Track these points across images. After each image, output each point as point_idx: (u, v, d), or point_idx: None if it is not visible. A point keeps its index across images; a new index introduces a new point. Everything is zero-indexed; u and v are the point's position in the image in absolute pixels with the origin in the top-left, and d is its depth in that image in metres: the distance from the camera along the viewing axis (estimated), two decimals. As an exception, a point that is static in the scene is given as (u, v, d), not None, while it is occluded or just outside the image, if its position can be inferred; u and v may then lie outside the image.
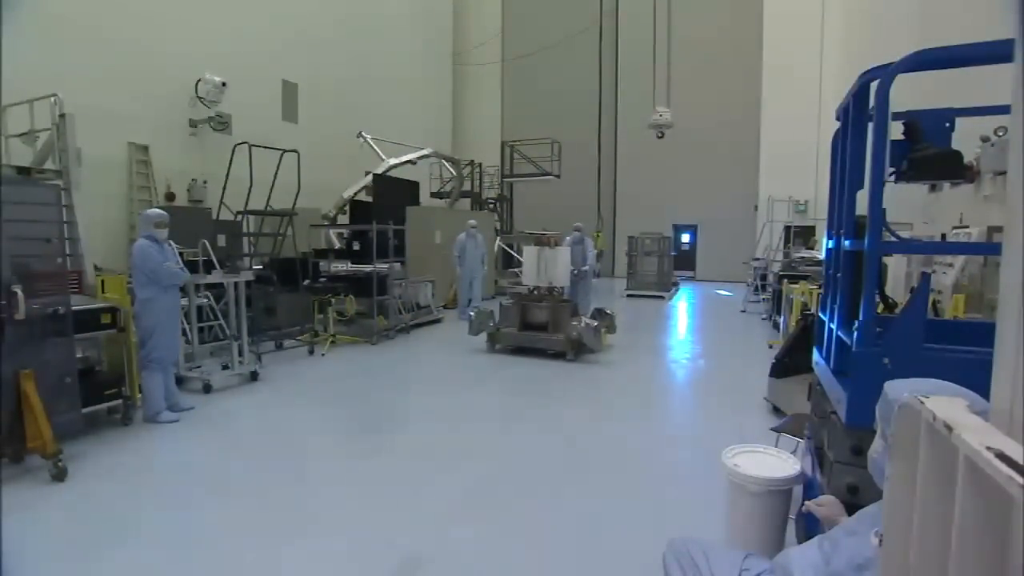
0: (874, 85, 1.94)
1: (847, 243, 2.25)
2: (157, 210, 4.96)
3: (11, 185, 4.26)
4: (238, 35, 11.48)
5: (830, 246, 2.64)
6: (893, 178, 2.09)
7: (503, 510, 3.36)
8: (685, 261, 19.69)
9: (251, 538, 3.00)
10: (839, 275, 2.40)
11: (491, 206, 16.76)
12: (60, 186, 4.88)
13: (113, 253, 8.80)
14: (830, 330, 2.49)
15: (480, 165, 16.53)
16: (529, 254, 8.04)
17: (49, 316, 3.84)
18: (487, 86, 21.51)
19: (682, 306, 13.54)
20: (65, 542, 2.97)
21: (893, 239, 2.01)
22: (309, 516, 3.26)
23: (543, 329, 7.44)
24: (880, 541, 1.11)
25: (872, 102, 1.97)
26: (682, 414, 5.62)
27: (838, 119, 2.44)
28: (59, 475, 3.60)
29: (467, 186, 15.76)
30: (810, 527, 2.35)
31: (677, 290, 16.02)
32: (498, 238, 14.37)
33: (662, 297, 14.38)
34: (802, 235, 14.17)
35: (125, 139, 9.49)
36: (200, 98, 10.52)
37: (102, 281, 5.10)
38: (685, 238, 20.40)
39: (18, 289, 3.55)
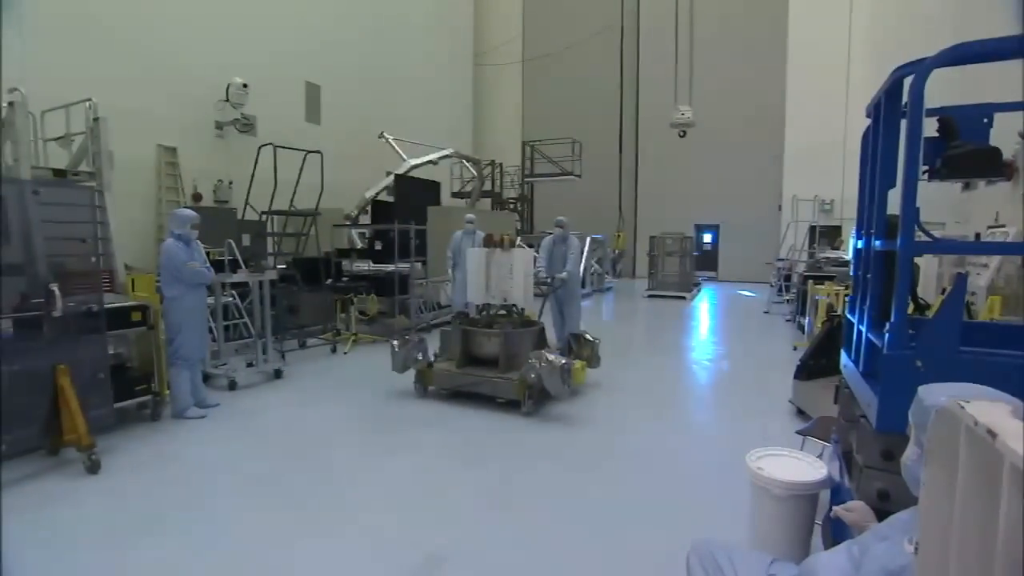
0: (908, 81, 1.89)
1: (878, 243, 2.19)
2: (189, 210, 5.06)
3: (49, 187, 4.39)
4: (263, 38, 11.68)
5: (859, 246, 2.58)
6: (926, 176, 2.03)
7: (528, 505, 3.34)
8: (707, 261, 19.46)
9: (274, 533, 3.05)
10: (869, 276, 2.35)
11: (511, 206, 16.77)
12: (94, 188, 5.02)
13: (142, 252, 9.03)
14: (859, 332, 2.43)
15: (501, 165, 16.55)
16: (474, 260, 5.90)
17: (83, 313, 3.96)
18: (508, 86, 21.53)
19: (704, 307, 13.38)
20: (99, 532, 3.06)
21: (927, 239, 1.96)
22: (331, 512, 3.30)
23: (494, 365, 5.33)
24: (915, 548, 1.08)
25: (905, 98, 1.92)
26: (702, 418, 5.54)
27: (869, 116, 2.38)
28: (93, 468, 3.70)
29: (488, 186, 15.80)
30: (837, 533, 2.30)
31: (699, 291, 15.85)
32: (518, 238, 14.38)
33: (683, 298, 14.23)
34: (828, 235, 13.88)
35: (154, 141, 9.73)
36: (227, 101, 10.74)
37: (132, 280, 5.24)
38: (707, 238, 20.16)
39: (55, 287, 3.66)
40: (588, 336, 5.92)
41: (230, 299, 6.80)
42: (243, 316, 6.93)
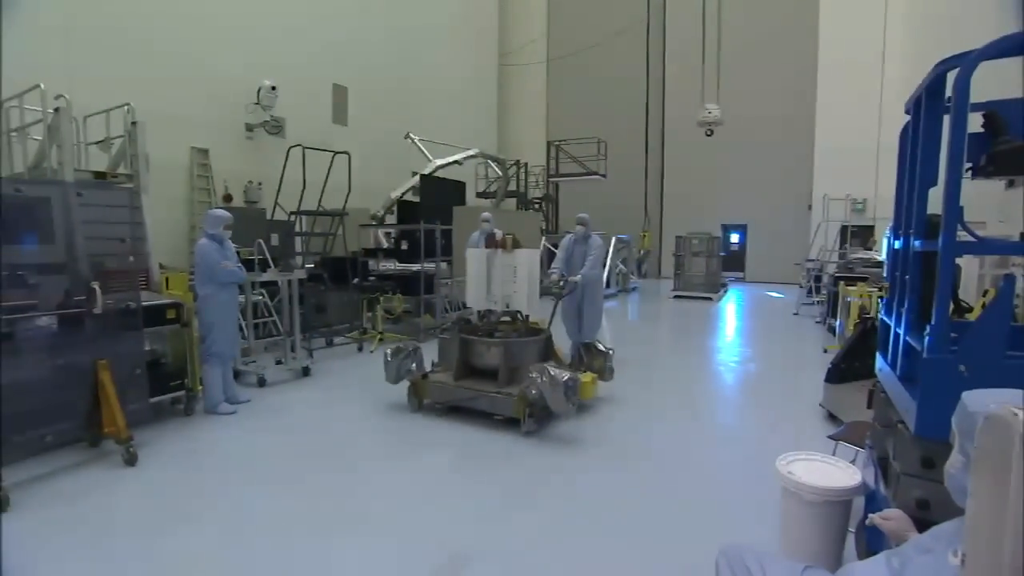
0: (951, 75, 1.83)
1: (917, 243, 2.13)
2: (223, 211, 5.17)
3: (91, 189, 4.55)
4: (291, 42, 11.90)
5: (897, 246, 2.50)
6: (970, 174, 1.96)
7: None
8: (734, 262, 19.13)
9: (300, 527, 3.10)
10: (907, 277, 2.28)
11: (536, 206, 16.74)
12: (132, 189, 5.18)
13: (175, 252, 9.29)
14: (896, 335, 2.36)
15: (526, 165, 16.54)
16: (474, 261, 5.50)
17: (122, 311, 4.09)
18: (533, 85, 21.50)
19: (731, 308, 13.16)
20: (136, 522, 3.16)
21: (971, 239, 1.89)
22: (356, 508, 3.35)
23: (495, 377, 4.85)
24: (962, 561, 1.04)
25: (949, 93, 1.86)
26: (728, 420, 5.45)
27: (908, 112, 2.31)
28: (130, 460, 3.83)
29: (513, 186, 15.81)
30: (872, 542, 2.24)
31: (726, 291, 15.60)
32: (543, 238, 14.35)
33: (710, 299, 14.02)
34: (860, 235, 13.53)
35: (187, 144, 10.00)
36: (258, 103, 10.98)
37: (166, 278, 5.40)
38: (734, 238, 19.82)
39: (96, 285, 3.79)
40: (600, 346, 5.41)
41: (260, 298, 6.93)
42: (272, 314, 7.06)
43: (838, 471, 2.59)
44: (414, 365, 5.08)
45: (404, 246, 9.82)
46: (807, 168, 17.07)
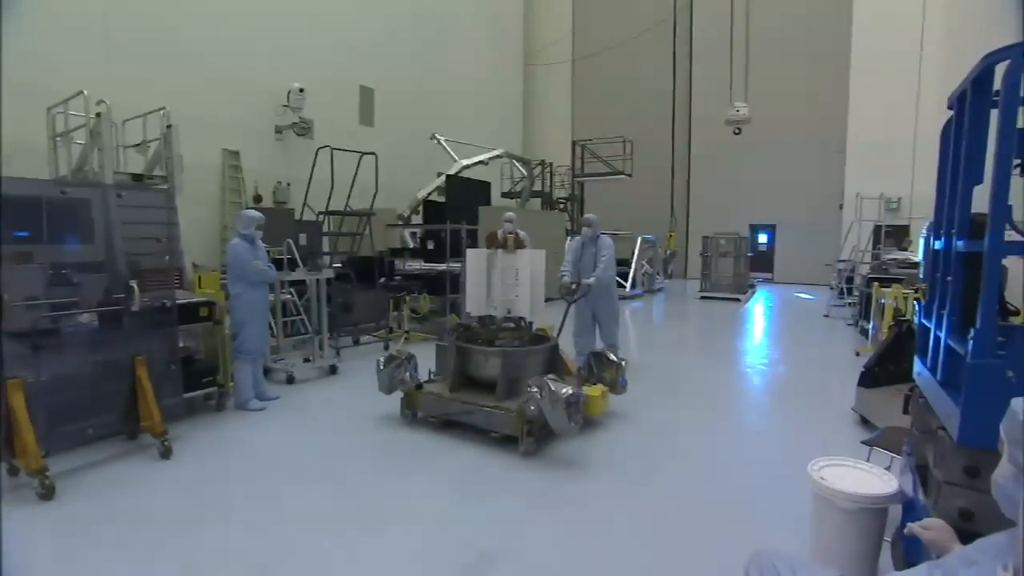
0: (1000, 67, 1.76)
1: (960, 243, 2.05)
2: (255, 212, 5.27)
3: (129, 191, 4.70)
4: (319, 45, 12.10)
5: (937, 246, 2.42)
6: (1019, 171, 1.89)
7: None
8: (762, 262, 18.78)
9: (327, 523, 3.15)
10: (948, 278, 2.20)
11: (561, 206, 16.70)
12: (167, 190, 5.33)
13: (207, 251, 9.53)
14: (936, 338, 2.28)
15: (551, 165, 16.51)
16: (473, 262, 5.09)
17: (158, 309, 4.21)
18: (558, 85, 21.45)
19: (759, 309, 12.92)
20: (172, 513, 3.25)
21: (1020, 239, 1.81)
22: (383, 505, 3.38)
23: (494, 389, 4.39)
24: (1014, 574, 1.00)
25: (997, 86, 1.79)
26: (756, 424, 5.34)
27: (951, 108, 2.23)
28: (166, 453, 3.94)
29: (538, 186, 15.79)
30: (910, 551, 2.17)
31: (754, 292, 15.33)
32: (568, 238, 14.30)
33: (737, 300, 13.80)
34: (894, 235, 13.12)
35: (219, 146, 10.25)
36: (287, 105, 11.20)
37: (199, 277, 5.54)
38: (762, 238, 19.46)
39: (134, 284, 3.91)
40: (612, 356, 4.87)
41: (289, 296, 7.06)
42: (301, 313, 7.18)
43: (873, 478, 2.51)
44: (407, 374, 4.66)
45: (430, 246, 9.90)
46: (838, 166, 16.65)
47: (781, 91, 17.37)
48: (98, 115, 5.46)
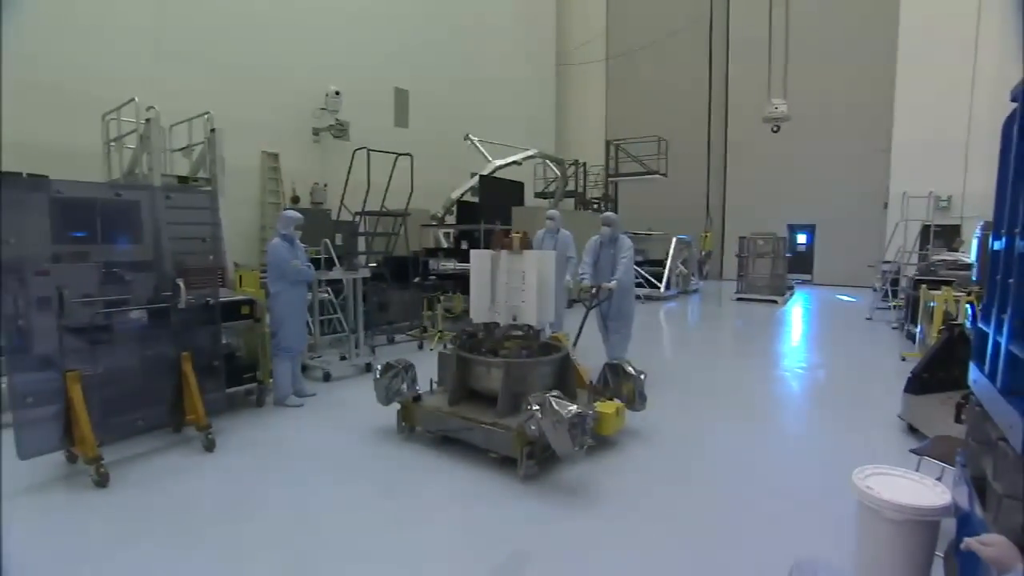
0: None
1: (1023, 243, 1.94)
2: (295, 212, 5.40)
3: (176, 192, 4.88)
4: (355, 48, 12.34)
5: (997, 247, 2.30)
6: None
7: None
8: (801, 263, 18.25)
9: (363, 519, 3.20)
10: (1010, 280, 2.09)
11: (595, 206, 16.59)
12: (211, 192, 5.51)
13: (247, 250, 9.82)
14: (996, 343, 2.17)
15: (584, 164, 16.42)
16: (477, 264, 4.63)
17: (202, 306, 4.35)
18: (591, 84, 21.31)
19: (797, 312, 12.56)
20: (215, 504, 3.37)
21: (1090, 239, 1.71)
22: (417, 502, 3.42)
23: (496, 403, 4.03)
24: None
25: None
26: (797, 429, 5.19)
27: (1015, 100, 2.11)
28: (209, 446, 4.08)
29: (571, 186, 15.72)
30: (965, 568, 2.07)
31: (792, 294, 14.91)
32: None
33: (775, 302, 13.43)
34: (943, 235, 12.55)
35: (259, 148, 10.55)
36: (324, 108, 11.45)
37: (240, 276, 5.70)
38: (801, 239, 18.90)
39: (180, 282, 4.06)
40: (629, 368, 4.39)
41: (326, 295, 7.21)
42: (337, 312, 7.31)
43: (923, 488, 2.40)
44: (405, 385, 4.35)
45: (464, 245, 9.96)
46: (882, 165, 16.04)
47: (821, 88, 16.84)
48: (147, 120, 5.69)
